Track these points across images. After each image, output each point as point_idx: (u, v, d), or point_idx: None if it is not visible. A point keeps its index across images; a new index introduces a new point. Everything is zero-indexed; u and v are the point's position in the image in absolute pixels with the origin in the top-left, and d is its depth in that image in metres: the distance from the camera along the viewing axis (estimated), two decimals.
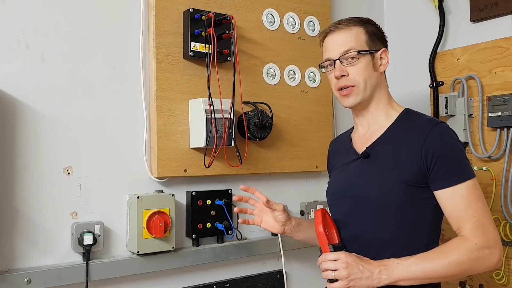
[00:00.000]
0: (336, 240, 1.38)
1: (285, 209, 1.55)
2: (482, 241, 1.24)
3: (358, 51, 1.38)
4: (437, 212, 1.33)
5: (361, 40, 1.40)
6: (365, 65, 1.38)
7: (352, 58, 1.38)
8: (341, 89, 1.41)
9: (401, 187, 1.31)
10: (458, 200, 1.27)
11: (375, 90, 1.41)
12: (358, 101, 1.40)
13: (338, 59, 1.39)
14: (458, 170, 1.28)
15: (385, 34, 1.48)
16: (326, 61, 1.44)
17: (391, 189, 1.32)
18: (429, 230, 1.34)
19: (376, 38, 1.43)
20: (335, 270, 1.29)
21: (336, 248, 1.34)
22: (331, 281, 1.30)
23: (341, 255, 1.30)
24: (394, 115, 1.42)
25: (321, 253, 1.35)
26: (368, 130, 1.45)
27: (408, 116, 1.41)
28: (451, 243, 1.27)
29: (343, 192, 1.44)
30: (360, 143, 1.46)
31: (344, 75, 1.39)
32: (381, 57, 1.42)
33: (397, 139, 1.37)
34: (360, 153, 1.42)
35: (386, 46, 1.46)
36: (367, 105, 1.43)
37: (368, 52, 1.39)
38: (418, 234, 1.33)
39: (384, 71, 1.46)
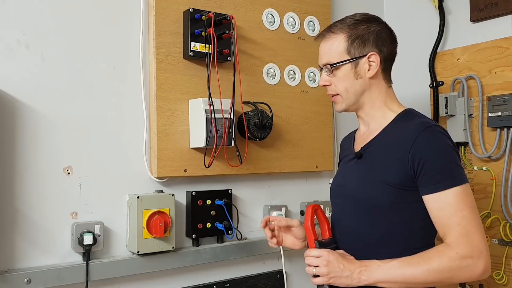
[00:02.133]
0: (327, 235, 1.40)
1: (301, 224, 1.52)
2: (464, 250, 1.21)
3: (332, 65, 1.37)
4: (428, 216, 1.30)
5: (339, 51, 1.36)
6: (344, 75, 1.37)
7: (330, 70, 1.38)
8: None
9: (389, 189, 1.30)
10: (443, 206, 1.24)
11: (362, 95, 1.39)
12: (343, 108, 1.42)
13: (322, 68, 1.42)
14: (445, 176, 1.24)
15: (383, 35, 1.39)
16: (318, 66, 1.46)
17: (378, 191, 1.31)
18: (419, 234, 1.32)
19: (363, 42, 1.36)
20: (317, 266, 1.31)
21: (323, 245, 1.35)
22: (315, 276, 1.33)
23: (324, 252, 1.31)
24: (391, 116, 1.39)
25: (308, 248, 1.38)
26: (367, 130, 1.45)
27: (404, 118, 1.38)
28: (434, 250, 1.26)
29: (339, 191, 1.46)
30: (359, 142, 1.46)
31: (327, 84, 1.41)
32: (369, 61, 1.36)
33: (388, 141, 1.35)
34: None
35: (381, 47, 1.37)
36: (359, 108, 1.42)
37: (347, 61, 1.36)
38: (406, 237, 1.31)
39: (386, 74, 1.41)
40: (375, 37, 1.37)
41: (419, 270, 1.23)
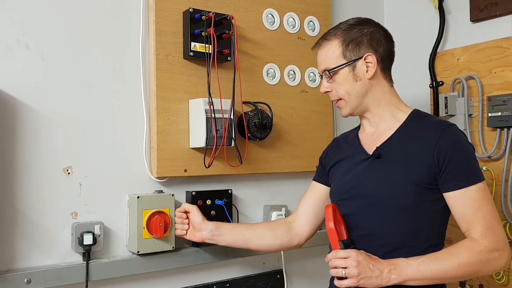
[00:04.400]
0: (344, 236, 1.37)
1: (198, 210, 1.58)
2: (491, 243, 1.25)
3: (330, 70, 1.39)
4: (445, 214, 1.34)
5: (335, 56, 1.39)
6: (343, 79, 1.39)
7: (328, 76, 1.41)
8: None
9: (413, 188, 1.31)
10: (468, 202, 1.28)
11: (365, 97, 1.41)
12: (349, 112, 1.44)
13: (321, 75, 1.44)
14: (469, 173, 1.29)
15: (376, 35, 1.40)
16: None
17: (403, 190, 1.32)
18: (437, 232, 1.35)
19: (357, 45, 1.38)
20: (345, 268, 1.27)
21: (345, 245, 1.32)
22: (340, 278, 1.29)
23: (352, 253, 1.28)
24: (402, 116, 1.42)
25: (331, 250, 1.34)
26: (376, 130, 1.45)
27: (418, 118, 1.41)
28: (461, 244, 1.27)
29: (352, 192, 1.42)
30: (369, 143, 1.45)
31: (328, 91, 1.43)
32: (366, 63, 1.38)
33: (408, 140, 1.37)
34: (371, 153, 1.41)
35: (377, 48, 1.39)
36: (364, 110, 1.43)
37: (344, 65, 1.38)
38: (427, 235, 1.33)
39: (386, 74, 1.42)
40: (369, 39, 1.40)
41: (450, 264, 1.25)
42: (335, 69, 1.39)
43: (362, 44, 1.39)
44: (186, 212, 1.61)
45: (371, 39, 1.40)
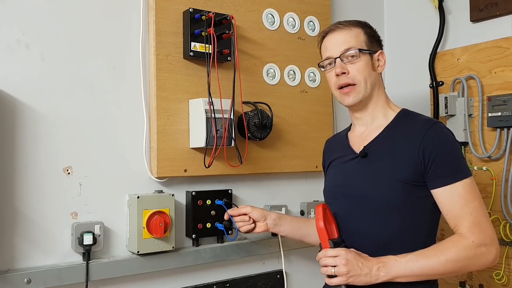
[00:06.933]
0: (335, 234, 1.39)
1: (253, 207, 1.65)
2: (479, 239, 1.26)
3: (359, 49, 1.40)
4: (435, 211, 1.35)
5: (360, 40, 1.43)
6: (365, 63, 1.41)
7: (353, 56, 1.40)
8: (341, 87, 1.42)
9: (399, 186, 1.32)
10: (455, 198, 1.29)
11: (374, 89, 1.44)
12: (359, 99, 1.42)
13: (339, 57, 1.41)
14: (455, 169, 1.30)
15: (381, 38, 1.52)
16: (326, 59, 1.46)
17: (389, 188, 1.33)
18: (427, 229, 1.36)
19: (374, 40, 1.46)
20: (335, 266, 1.29)
21: (335, 244, 1.34)
22: (330, 276, 1.31)
23: (341, 251, 1.30)
24: (391, 115, 1.45)
25: (321, 248, 1.36)
26: (366, 130, 1.47)
27: (405, 116, 1.44)
28: (448, 240, 1.29)
29: (341, 191, 1.45)
30: (358, 142, 1.47)
31: (345, 73, 1.41)
32: (378, 59, 1.45)
33: (394, 138, 1.38)
34: (358, 152, 1.42)
35: (382, 49, 1.50)
36: (366, 104, 1.45)
37: (368, 52, 1.42)
38: (416, 233, 1.34)
39: (381, 73, 1.49)
40: (379, 39, 1.49)
41: (437, 261, 1.26)
42: (364, 51, 1.41)
43: (377, 41, 1.47)
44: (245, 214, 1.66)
45: (379, 40, 1.49)
